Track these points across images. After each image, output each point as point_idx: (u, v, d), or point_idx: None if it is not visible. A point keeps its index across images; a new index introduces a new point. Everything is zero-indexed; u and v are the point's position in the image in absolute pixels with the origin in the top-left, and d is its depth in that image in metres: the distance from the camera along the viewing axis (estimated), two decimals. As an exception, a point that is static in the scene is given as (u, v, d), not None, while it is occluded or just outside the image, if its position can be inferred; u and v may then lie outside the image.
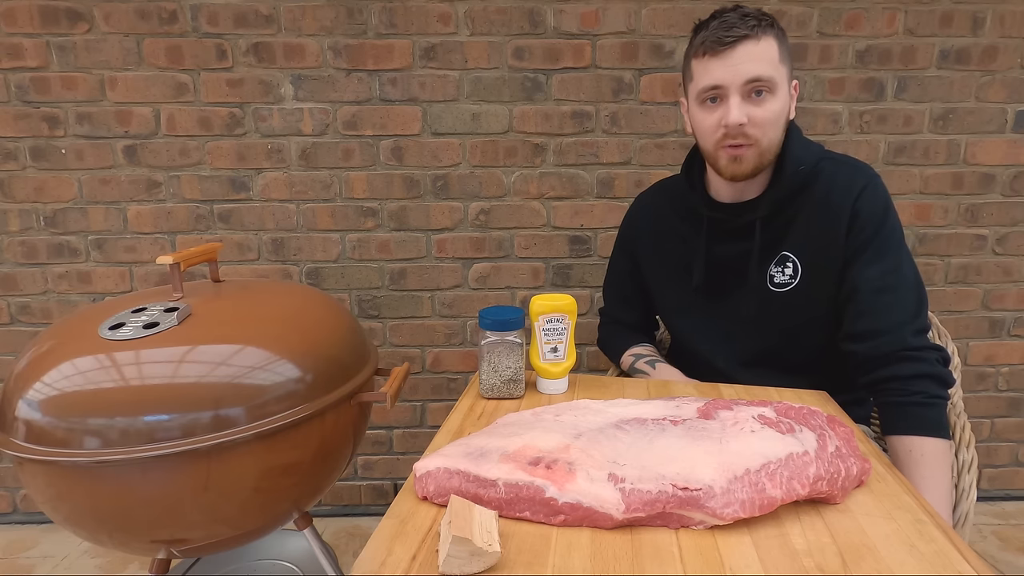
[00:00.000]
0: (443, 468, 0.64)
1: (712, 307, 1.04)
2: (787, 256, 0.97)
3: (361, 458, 1.78)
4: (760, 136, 0.89)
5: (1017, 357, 1.75)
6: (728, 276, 1.01)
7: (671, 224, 1.08)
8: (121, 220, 1.61)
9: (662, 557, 0.55)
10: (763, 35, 0.86)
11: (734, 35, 0.85)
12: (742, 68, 0.86)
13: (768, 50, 0.86)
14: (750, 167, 0.91)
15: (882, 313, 0.90)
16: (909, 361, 0.88)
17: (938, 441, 0.84)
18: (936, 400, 0.86)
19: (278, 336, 0.87)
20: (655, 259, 1.11)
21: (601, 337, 1.24)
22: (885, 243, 0.92)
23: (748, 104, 0.88)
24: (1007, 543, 1.65)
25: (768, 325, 1.00)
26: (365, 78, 1.55)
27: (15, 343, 1.66)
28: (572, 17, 1.53)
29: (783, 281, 0.97)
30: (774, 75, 0.87)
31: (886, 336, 0.89)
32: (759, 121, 0.88)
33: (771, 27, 0.87)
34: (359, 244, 1.64)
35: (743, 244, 0.99)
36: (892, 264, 0.91)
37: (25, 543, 1.67)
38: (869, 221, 0.91)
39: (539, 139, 1.60)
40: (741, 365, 1.03)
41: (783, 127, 0.92)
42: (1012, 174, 1.64)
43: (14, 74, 1.52)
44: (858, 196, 0.92)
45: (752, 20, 0.86)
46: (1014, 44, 1.56)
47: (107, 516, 0.79)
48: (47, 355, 0.81)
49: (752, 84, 0.86)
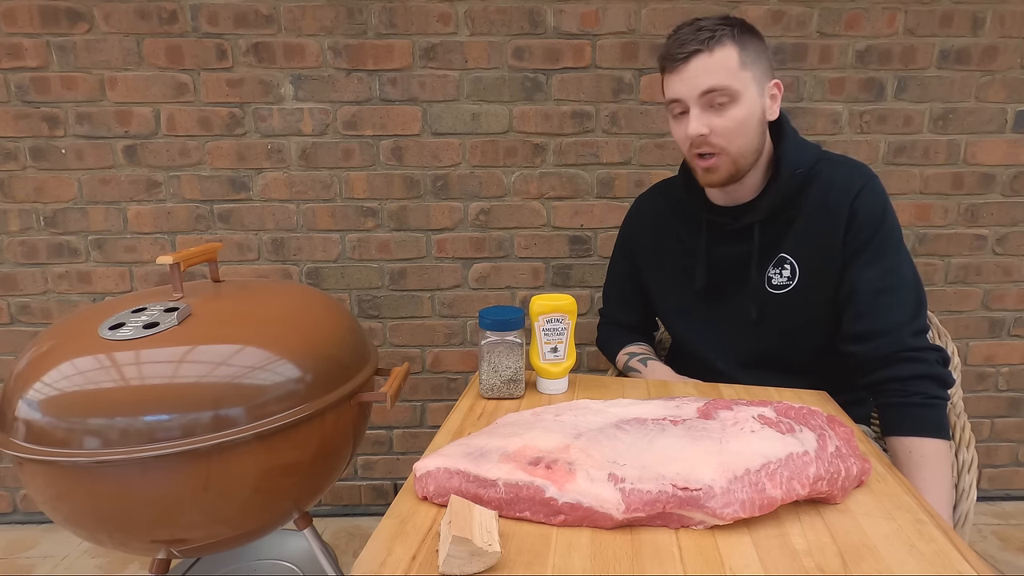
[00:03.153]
0: (443, 468, 0.64)
1: (711, 309, 1.04)
2: (785, 258, 0.97)
3: (361, 458, 1.78)
4: (726, 144, 0.89)
5: (1017, 357, 1.75)
6: (727, 278, 1.01)
7: (670, 226, 1.08)
8: (121, 220, 1.61)
9: (662, 557, 0.55)
10: (717, 46, 0.86)
11: (685, 51, 0.87)
12: (696, 81, 0.87)
13: (724, 60, 0.86)
14: (723, 175, 0.92)
15: (881, 314, 0.90)
16: (908, 362, 0.88)
17: (938, 442, 0.84)
18: (936, 401, 0.86)
19: (278, 336, 0.87)
20: (655, 261, 1.11)
21: (600, 337, 1.24)
22: (884, 243, 0.91)
23: (709, 114, 0.88)
24: (1007, 543, 1.65)
25: (767, 327, 1.00)
26: (365, 78, 1.55)
27: (15, 343, 1.66)
28: (572, 17, 1.53)
29: (781, 283, 0.97)
30: (731, 83, 0.87)
31: (885, 337, 0.89)
32: (721, 130, 0.89)
33: (730, 36, 0.87)
34: (359, 244, 1.64)
35: (741, 247, 0.99)
36: (891, 264, 0.91)
37: (25, 543, 1.67)
38: (867, 221, 0.91)
39: (539, 139, 1.60)
40: (740, 366, 1.03)
41: (756, 130, 0.91)
42: (1012, 174, 1.64)
43: (14, 74, 1.52)
44: (856, 197, 0.92)
45: (706, 33, 0.86)
46: (1014, 44, 1.56)
47: (107, 516, 0.79)
48: (47, 355, 0.81)
49: (709, 95, 0.87)
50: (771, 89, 0.92)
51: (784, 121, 0.96)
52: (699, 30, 0.87)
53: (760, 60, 0.90)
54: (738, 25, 0.89)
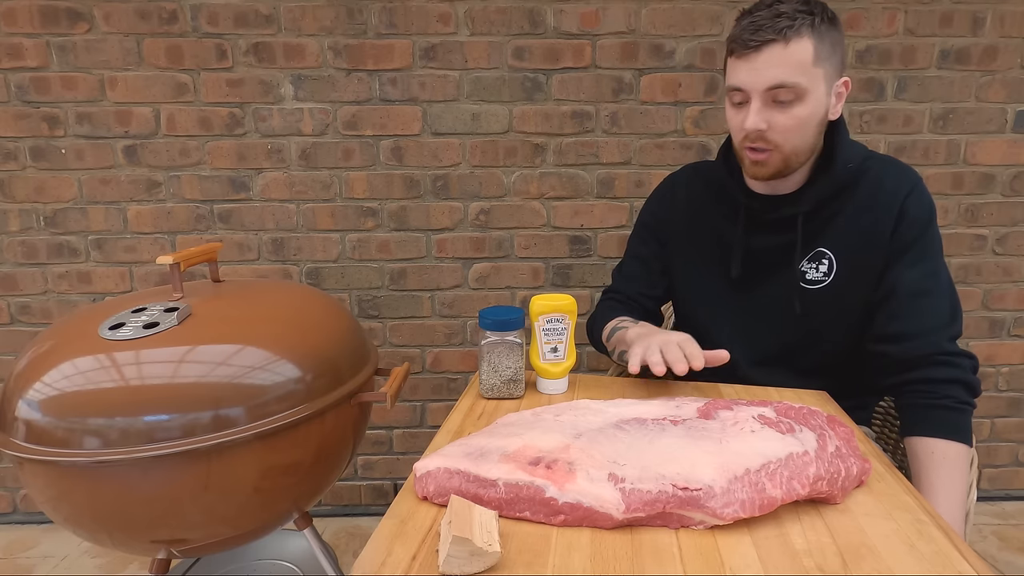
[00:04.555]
0: (443, 468, 0.64)
1: (739, 299, 1.01)
2: (823, 252, 0.94)
3: (361, 458, 1.78)
4: (782, 142, 0.86)
5: (1017, 357, 1.75)
6: (760, 269, 0.98)
7: (706, 207, 1.04)
8: (121, 220, 1.61)
9: (662, 557, 0.55)
10: (795, 37, 0.81)
11: (759, 39, 0.81)
12: (765, 74, 0.82)
13: (799, 53, 0.81)
14: (771, 171, 0.90)
15: (918, 316, 0.89)
16: (943, 366, 0.87)
17: (961, 447, 0.84)
18: (965, 406, 0.86)
19: (278, 336, 0.87)
20: (685, 242, 1.06)
21: (594, 314, 1.15)
22: (928, 247, 0.91)
23: (770, 110, 0.84)
24: (1007, 543, 1.65)
25: (794, 322, 0.97)
26: (365, 78, 1.55)
27: (15, 343, 1.66)
28: (572, 17, 1.53)
29: (816, 278, 0.95)
30: (801, 81, 0.82)
31: (921, 339, 0.88)
32: (780, 128, 0.85)
33: (809, 25, 0.81)
34: (359, 244, 1.64)
35: (779, 237, 0.96)
36: (932, 268, 0.90)
37: (25, 543, 1.67)
38: (916, 222, 0.90)
39: (539, 139, 1.60)
40: (754, 363, 1.00)
41: (814, 130, 0.88)
42: (1012, 174, 1.64)
43: (14, 74, 1.52)
44: (907, 196, 0.90)
45: (785, 21, 0.81)
46: (1014, 44, 1.56)
47: (107, 516, 0.79)
48: (47, 355, 0.81)
49: (775, 91, 0.83)
50: (839, 87, 0.88)
51: (841, 118, 0.92)
52: (777, 16, 0.81)
53: (835, 55, 0.85)
54: (819, 13, 0.82)
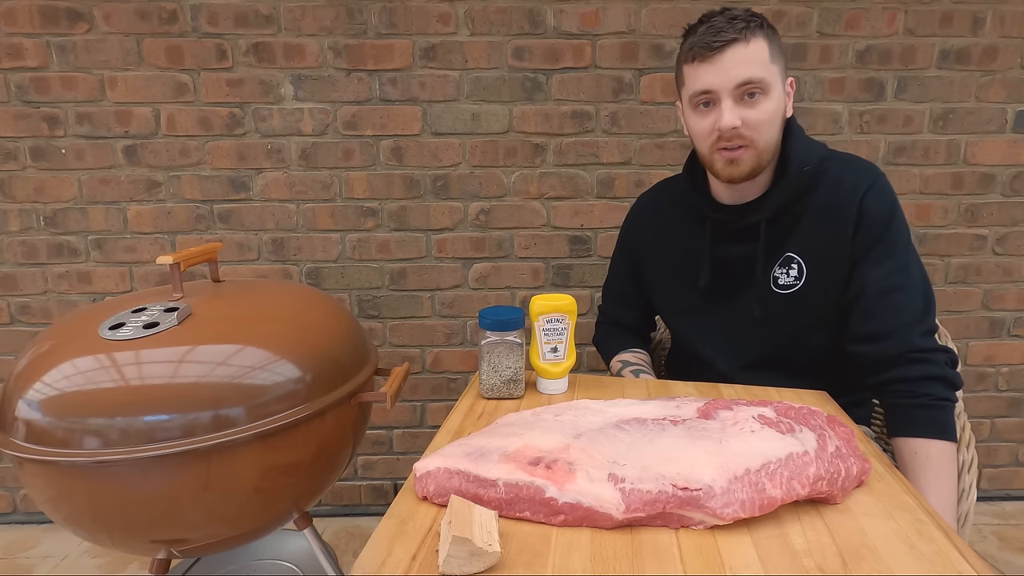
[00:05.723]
0: (443, 468, 0.64)
1: (715, 309, 1.03)
2: (792, 257, 0.96)
3: (361, 458, 1.78)
4: (756, 137, 0.88)
5: (1017, 357, 1.75)
6: (731, 278, 1.00)
7: (674, 224, 1.07)
8: (121, 220, 1.61)
9: (662, 557, 0.55)
10: (752, 37, 0.85)
11: (722, 39, 0.85)
12: (732, 72, 0.85)
13: (758, 51, 0.86)
14: (747, 168, 0.91)
15: (889, 314, 0.89)
16: (917, 363, 0.87)
17: (944, 444, 0.84)
18: (943, 402, 0.86)
19: (278, 336, 0.87)
20: (657, 260, 1.11)
21: (597, 336, 1.24)
22: (892, 242, 0.91)
23: (741, 107, 0.87)
24: (1007, 543, 1.65)
25: (772, 327, 0.99)
26: (365, 78, 1.55)
27: (15, 343, 1.66)
28: (572, 17, 1.53)
29: (788, 283, 0.96)
30: (765, 76, 0.86)
31: (894, 338, 0.88)
32: (753, 123, 0.88)
33: (760, 27, 0.86)
34: (359, 244, 1.64)
35: (746, 246, 0.98)
36: (899, 264, 0.90)
37: (25, 543, 1.67)
38: (876, 220, 0.90)
39: (539, 139, 1.60)
40: (743, 368, 1.02)
41: (779, 126, 0.91)
42: (1012, 174, 1.64)
43: (14, 74, 1.52)
44: (864, 195, 0.91)
45: (740, 23, 0.85)
46: (1014, 44, 1.56)
47: (107, 516, 0.79)
48: (47, 355, 0.81)
49: (744, 87, 0.86)
50: (787, 86, 0.92)
51: (792, 119, 0.96)
52: (733, 19, 0.86)
53: (782, 57, 0.90)
54: (764, 19, 0.88)
